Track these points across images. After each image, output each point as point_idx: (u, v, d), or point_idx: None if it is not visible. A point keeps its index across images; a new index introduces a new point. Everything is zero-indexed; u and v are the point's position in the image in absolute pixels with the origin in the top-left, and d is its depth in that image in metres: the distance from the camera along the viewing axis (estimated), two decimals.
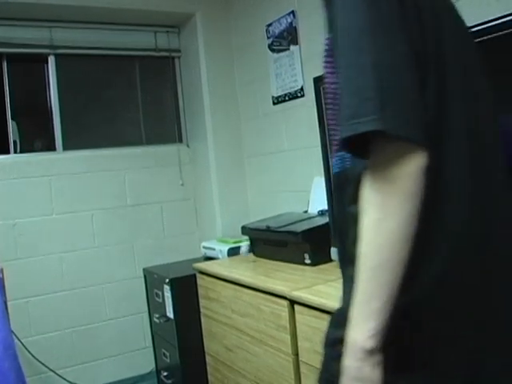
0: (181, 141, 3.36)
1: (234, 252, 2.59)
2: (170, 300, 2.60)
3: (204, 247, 2.88)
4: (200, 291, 2.34)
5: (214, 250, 2.74)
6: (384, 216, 0.73)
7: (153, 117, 3.32)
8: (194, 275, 2.39)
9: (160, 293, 2.74)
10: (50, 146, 2.95)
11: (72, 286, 2.87)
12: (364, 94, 0.72)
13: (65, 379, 2.81)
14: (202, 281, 2.31)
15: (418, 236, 0.75)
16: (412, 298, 0.77)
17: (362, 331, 0.76)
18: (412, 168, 0.72)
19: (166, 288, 2.63)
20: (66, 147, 2.97)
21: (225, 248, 2.63)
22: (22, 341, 2.68)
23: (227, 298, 2.07)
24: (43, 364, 2.74)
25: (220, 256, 2.64)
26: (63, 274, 2.85)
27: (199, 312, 2.36)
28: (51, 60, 2.95)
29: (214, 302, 2.20)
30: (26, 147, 2.90)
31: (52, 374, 2.77)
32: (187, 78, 3.30)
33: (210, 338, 2.28)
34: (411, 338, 0.79)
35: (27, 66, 2.98)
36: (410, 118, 0.72)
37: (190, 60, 3.24)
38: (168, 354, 2.78)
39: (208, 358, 2.34)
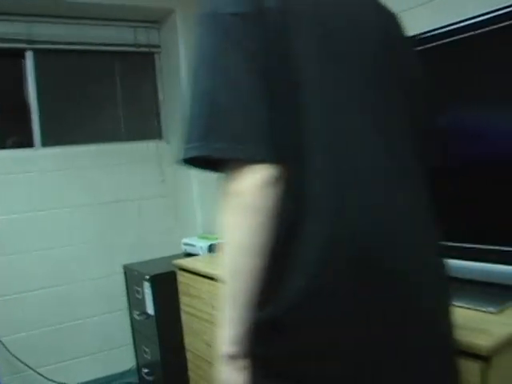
0: (161, 137, 3.35)
1: (214, 248, 2.60)
2: (151, 297, 2.60)
3: (184, 244, 2.88)
4: (180, 288, 2.34)
5: (194, 246, 2.74)
6: (231, 229, 0.77)
7: (133, 113, 3.30)
8: (174, 272, 2.40)
9: (140, 289, 2.73)
10: (28, 143, 2.92)
11: (51, 283, 2.85)
12: (194, 121, 0.79)
13: (45, 377, 2.79)
14: (182, 277, 2.32)
15: (281, 249, 0.76)
16: (277, 309, 0.77)
17: (223, 338, 0.80)
18: (248, 183, 0.75)
19: (146, 285, 2.63)
20: (44, 144, 2.93)
21: (205, 244, 2.64)
22: (1, 339, 2.65)
23: (208, 295, 2.08)
24: (23, 362, 2.71)
25: (200, 252, 2.64)
26: (42, 271, 2.82)
27: (179, 309, 2.37)
28: (29, 55, 2.91)
29: (194, 298, 2.20)
30: (4, 144, 2.86)
31: (32, 372, 2.75)
32: (167, 73, 3.29)
33: (190, 334, 2.29)
34: (277, 349, 0.79)
35: (4, 61, 2.94)
36: (242, 138, 0.75)
37: (169, 56, 3.22)
38: (148, 351, 2.78)
39: (189, 355, 2.35)
